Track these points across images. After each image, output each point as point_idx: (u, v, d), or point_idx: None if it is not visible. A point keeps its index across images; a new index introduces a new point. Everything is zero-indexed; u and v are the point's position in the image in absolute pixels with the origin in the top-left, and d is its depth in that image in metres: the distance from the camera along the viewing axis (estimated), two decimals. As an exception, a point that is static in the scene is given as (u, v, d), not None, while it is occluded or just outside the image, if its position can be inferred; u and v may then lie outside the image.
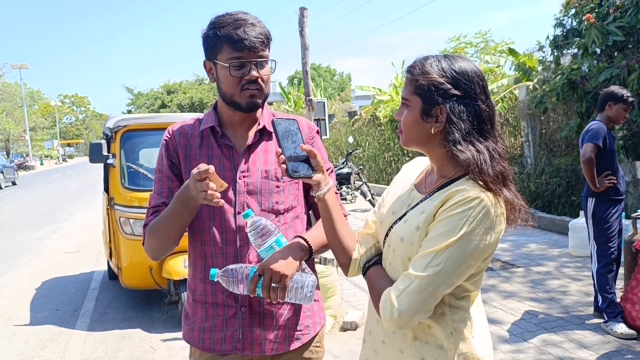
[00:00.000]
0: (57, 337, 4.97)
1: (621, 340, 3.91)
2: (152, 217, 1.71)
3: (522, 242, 7.25)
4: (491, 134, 1.36)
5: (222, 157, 1.73)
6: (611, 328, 4.03)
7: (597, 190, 4.13)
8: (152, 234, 1.69)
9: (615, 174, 4.17)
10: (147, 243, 1.72)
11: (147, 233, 1.70)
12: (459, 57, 1.38)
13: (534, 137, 10.04)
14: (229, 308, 1.71)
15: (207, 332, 1.74)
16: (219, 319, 1.72)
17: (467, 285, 1.36)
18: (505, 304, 4.82)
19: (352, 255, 1.52)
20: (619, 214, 4.24)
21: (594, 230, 4.24)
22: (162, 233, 1.67)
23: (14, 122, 55.34)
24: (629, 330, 3.96)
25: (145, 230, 1.72)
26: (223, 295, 1.70)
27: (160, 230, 1.66)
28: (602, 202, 4.18)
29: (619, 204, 4.23)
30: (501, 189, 1.30)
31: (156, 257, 1.75)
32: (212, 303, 1.73)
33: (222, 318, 1.72)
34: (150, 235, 1.69)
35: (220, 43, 1.64)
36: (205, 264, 1.72)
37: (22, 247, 9.55)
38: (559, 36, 8.93)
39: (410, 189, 1.49)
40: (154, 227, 1.68)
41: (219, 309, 1.72)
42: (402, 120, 1.42)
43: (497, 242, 1.31)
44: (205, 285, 1.73)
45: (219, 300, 1.72)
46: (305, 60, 4.65)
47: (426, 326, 1.36)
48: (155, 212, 1.72)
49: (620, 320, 4.04)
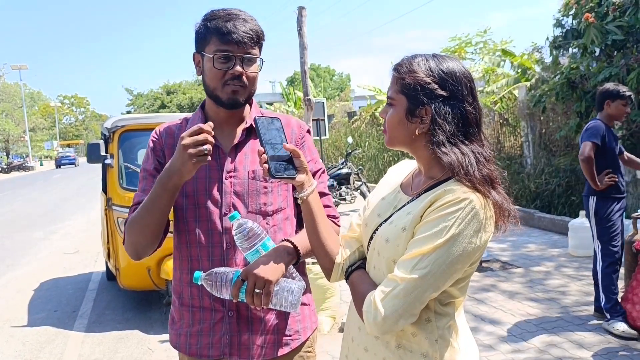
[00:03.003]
0: (54, 338, 4.95)
1: (622, 341, 3.88)
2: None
3: (522, 243, 7.23)
4: (477, 137, 1.32)
5: None
6: (612, 326, 4.01)
7: (598, 188, 4.12)
8: (131, 228, 1.60)
9: (616, 172, 4.15)
10: (127, 239, 1.63)
11: (127, 228, 1.62)
12: (448, 57, 1.35)
13: (534, 137, 10.01)
14: (216, 312, 1.66)
15: (194, 337, 1.69)
16: (206, 323, 1.67)
17: (453, 291, 1.32)
18: (504, 305, 4.80)
19: (335, 259, 1.48)
20: (621, 212, 4.21)
21: (597, 229, 4.22)
22: (140, 223, 1.57)
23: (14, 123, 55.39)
24: (630, 329, 3.94)
25: (125, 226, 1.63)
26: (210, 299, 1.65)
27: (138, 221, 1.58)
28: (603, 200, 4.16)
29: (621, 201, 4.20)
30: (489, 190, 1.26)
31: (137, 254, 1.64)
32: (199, 307, 1.68)
33: (209, 322, 1.67)
34: (129, 229, 1.61)
35: (209, 35, 1.61)
36: (191, 267, 1.66)
37: (21, 248, 9.53)
38: (558, 36, 8.91)
39: (396, 191, 1.46)
40: (133, 219, 1.60)
41: (206, 313, 1.67)
42: (387, 119, 1.38)
43: (485, 246, 1.27)
44: (191, 288, 1.68)
45: (206, 304, 1.67)
46: (304, 60, 4.63)
47: (410, 334, 1.32)
48: (136, 209, 1.64)
49: (622, 320, 4.02)
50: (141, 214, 1.57)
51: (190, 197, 1.66)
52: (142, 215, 1.57)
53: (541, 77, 9.92)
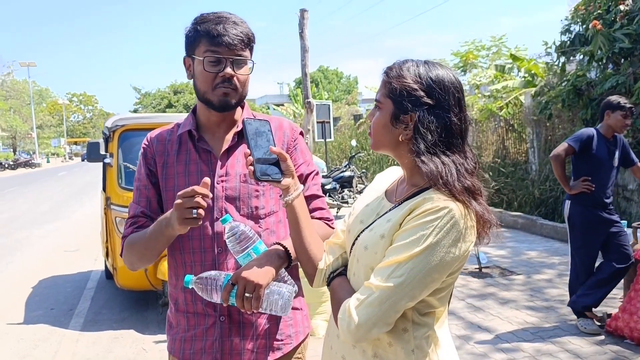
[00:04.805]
0: (49, 336, 4.94)
1: (618, 351, 3.83)
2: (130, 228, 1.67)
3: (523, 249, 7.17)
4: (460, 148, 1.30)
5: (199, 162, 1.67)
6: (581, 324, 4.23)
7: (569, 192, 4.24)
8: (130, 250, 1.66)
9: (600, 184, 4.14)
10: (125, 255, 1.69)
11: (125, 246, 1.67)
12: (440, 65, 1.33)
13: (539, 144, 9.96)
14: (209, 317, 1.66)
15: (187, 342, 1.69)
16: (199, 328, 1.67)
17: (432, 301, 1.30)
18: (501, 312, 4.75)
19: (318, 265, 1.46)
20: (603, 230, 4.18)
21: (570, 234, 4.37)
22: (138, 252, 1.64)
23: (21, 120, 55.66)
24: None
25: (123, 242, 1.68)
26: (202, 304, 1.65)
27: (137, 249, 1.64)
28: (578, 207, 4.23)
29: (604, 215, 4.18)
30: (470, 200, 1.24)
31: (133, 269, 1.73)
32: (193, 312, 1.68)
33: (202, 327, 1.67)
34: (128, 250, 1.67)
35: (199, 38, 1.60)
36: (185, 272, 1.66)
37: (22, 245, 9.54)
38: (565, 42, 8.86)
39: (380, 198, 1.44)
40: (132, 243, 1.65)
41: (199, 318, 1.67)
42: (372, 122, 1.37)
43: (465, 257, 1.25)
44: (186, 294, 1.68)
45: (199, 309, 1.67)
46: (305, 63, 4.60)
47: (387, 343, 1.30)
48: (133, 223, 1.68)
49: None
50: (140, 245, 1.62)
51: None
52: (141, 247, 1.62)
53: (547, 83, 9.87)
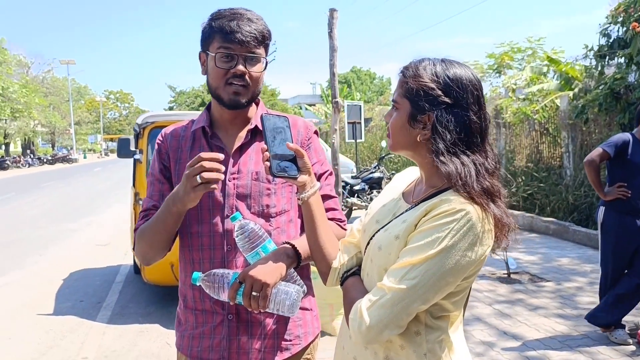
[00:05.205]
0: (77, 328, 5.03)
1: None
2: (142, 221, 1.67)
3: (554, 256, 7.01)
4: (480, 147, 1.27)
5: None
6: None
7: (604, 198, 4.11)
8: (140, 239, 1.64)
9: (634, 189, 4.00)
10: (137, 247, 1.67)
11: (137, 238, 1.66)
12: (457, 63, 1.30)
13: (574, 148, 9.72)
14: (217, 315, 1.65)
15: (196, 340, 1.68)
16: (207, 326, 1.66)
17: (446, 305, 1.26)
18: (529, 319, 4.64)
19: (333, 263, 1.43)
20: (637, 238, 4.02)
21: (601, 240, 4.21)
22: (148, 239, 1.61)
23: (60, 116, 57.06)
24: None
25: (136, 234, 1.68)
26: (210, 301, 1.64)
27: (146, 235, 1.61)
28: (613, 212, 4.09)
29: (636, 223, 4.02)
30: (488, 203, 1.20)
31: (146, 261, 1.69)
32: (201, 310, 1.67)
33: (210, 325, 1.66)
34: (139, 240, 1.64)
35: (213, 34, 1.59)
36: (194, 270, 1.64)
37: (55, 238, 9.77)
38: (604, 45, 8.63)
39: (397, 198, 1.41)
40: (142, 232, 1.63)
41: (207, 315, 1.66)
42: (390, 123, 1.34)
43: (481, 261, 1.21)
44: (194, 291, 1.67)
45: (207, 306, 1.66)
46: (333, 62, 4.57)
47: (398, 346, 1.27)
48: (145, 216, 1.67)
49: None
50: (149, 230, 1.60)
51: None
52: (150, 232, 1.60)
53: (584, 86, 9.63)
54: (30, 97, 40.78)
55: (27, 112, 41.46)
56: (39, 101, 44.75)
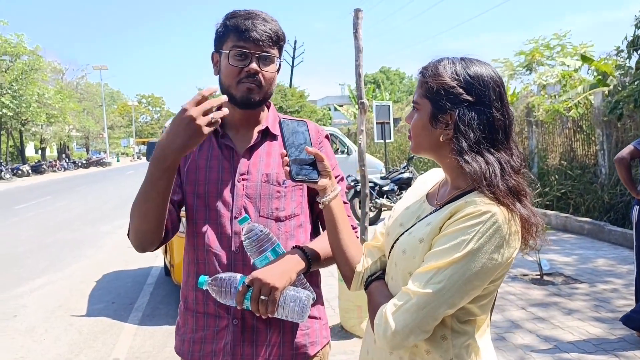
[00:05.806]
0: (109, 329, 5.10)
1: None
2: None
3: (589, 257, 6.83)
4: (505, 145, 1.23)
5: (221, 158, 1.62)
6: None
7: (637, 196, 4.01)
8: (133, 215, 1.48)
9: None
10: (130, 227, 1.51)
11: (130, 216, 1.50)
12: (477, 61, 1.26)
13: (609, 146, 9.47)
14: (221, 319, 1.59)
15: (197, 344, 1.62)
16: (209, 330, 1.60)
17: (473, 309, 1.23)
18: (564, 322, 4.53)
19: (356, 267, 1.41)
20: None
21: (636, 240, 4.09)
22: (141, 210, 1.45)
23: (94, 121, 58.27)
24: None
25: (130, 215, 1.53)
26: (215, 305, 1.58)
27: (139, 207, 1.45)
28: None
29: None
30: (514, 203, 1.17)
31: (139, 243, 1.52)
32: (203, 313, 1.61)
33: (212, 329, 1.60)
34: (131, 216, 1.49)
35: (228, 33, 1.57)
36: (198, 270, 1.60)
37: (88, 240, 9.96)
38: (639, 37, 8.39)
39: (421, 201, 1.38)
40: (133, 206, 1.47)
41: (210, 319, 1.60)
42: (412, 125, 1.31)
43: (508, 263, 1.18)
44: (196, 293, 1.61)
45: (211, 310, 1.60)
46: (359, 63, 4.52)
47: (424, 351, 1.24)
48: None
49: None
50: (141, 200, 1.45)
51: (202, 198, 1.61)
52: (141, 201, 1.45)
53: (620, 82, 9.38)
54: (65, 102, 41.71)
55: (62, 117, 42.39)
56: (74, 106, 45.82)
